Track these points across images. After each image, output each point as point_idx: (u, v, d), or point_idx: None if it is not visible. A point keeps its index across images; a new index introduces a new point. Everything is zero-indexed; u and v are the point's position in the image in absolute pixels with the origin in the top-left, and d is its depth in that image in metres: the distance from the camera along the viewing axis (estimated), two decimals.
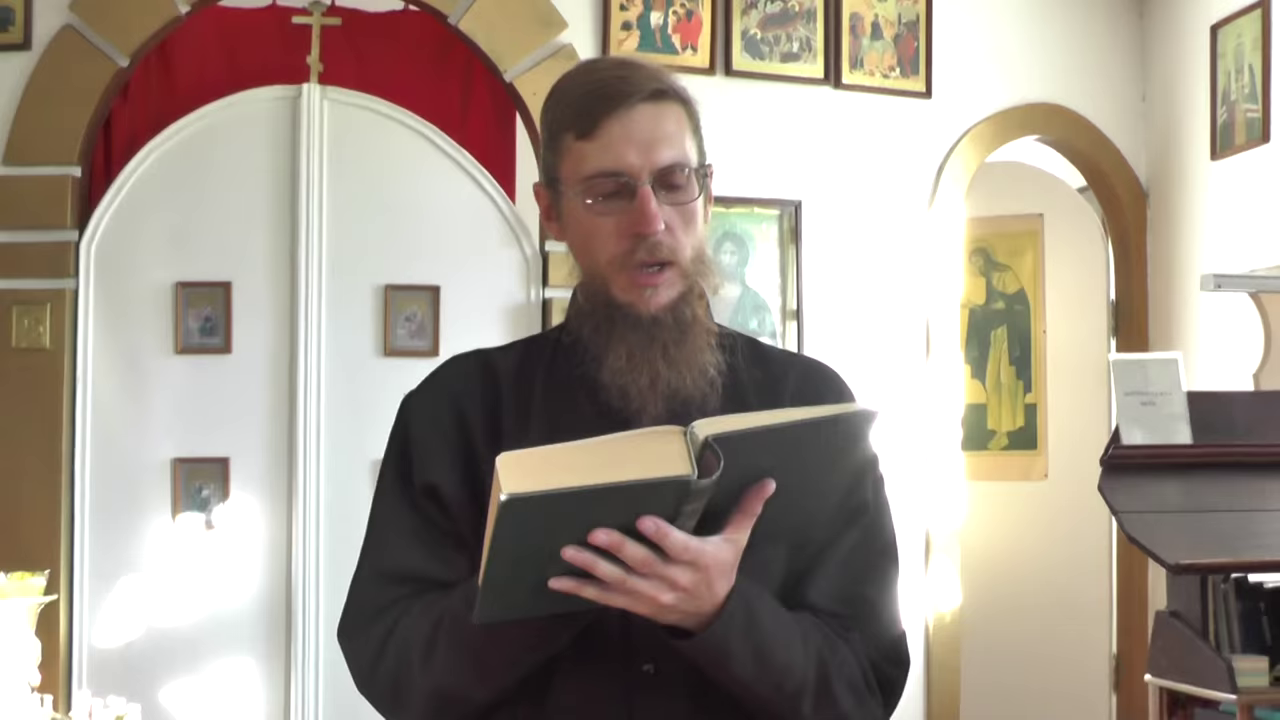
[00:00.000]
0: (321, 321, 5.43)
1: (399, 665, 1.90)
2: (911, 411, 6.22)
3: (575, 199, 1.93)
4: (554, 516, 1.61)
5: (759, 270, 6.03)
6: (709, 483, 1.63)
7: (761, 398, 2.00)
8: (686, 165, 1.93)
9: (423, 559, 1.94)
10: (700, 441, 1.61)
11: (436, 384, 2.05)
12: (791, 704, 1.86)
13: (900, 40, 6.26)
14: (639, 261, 1.91)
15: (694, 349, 1.94)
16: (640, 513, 1.64)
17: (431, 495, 1.95)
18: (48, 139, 5.36)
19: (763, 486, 1.69)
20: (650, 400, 1.91)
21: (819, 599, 1.95)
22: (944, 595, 6.25)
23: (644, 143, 1.90)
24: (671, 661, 1.83)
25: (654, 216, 1.88)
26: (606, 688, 1.87)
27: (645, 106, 1.91)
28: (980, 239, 7.28)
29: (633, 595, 1.68)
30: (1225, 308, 6.02)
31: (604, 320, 1.94)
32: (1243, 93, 6.03)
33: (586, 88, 1.94)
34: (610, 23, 5.84)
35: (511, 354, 2.07)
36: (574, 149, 1.92)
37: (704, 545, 1.68)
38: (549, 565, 1.65)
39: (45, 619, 4.21)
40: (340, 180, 5.49)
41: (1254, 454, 4.71)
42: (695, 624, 1.76)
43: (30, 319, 5.28)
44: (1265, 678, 4.34)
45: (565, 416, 1.93)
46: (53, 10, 5.40)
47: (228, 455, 5.37)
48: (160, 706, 5.17)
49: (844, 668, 1.91)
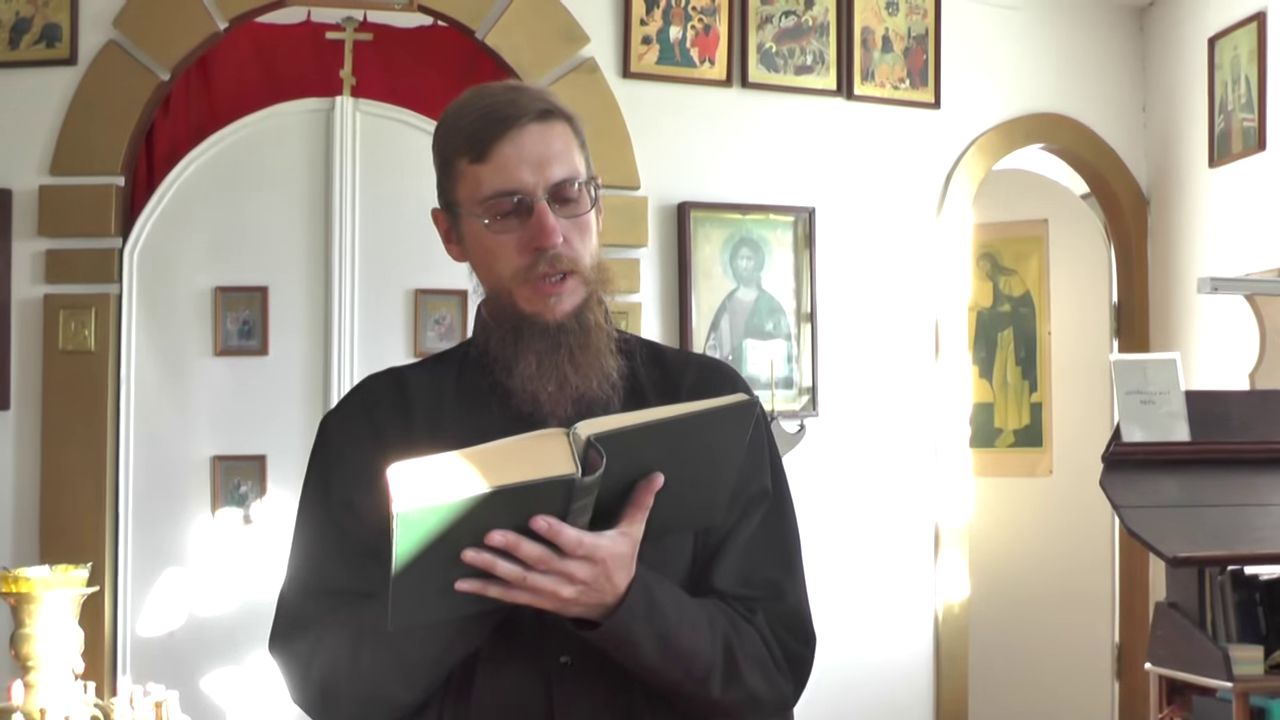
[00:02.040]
0: (354, 324, 5.46)
1: (326, 674, 1.93)
2: (921, 410, 6.28)
3: (474, 220, 1.97)
4: (450, 522, 1.64)
5: (775, 275, 6.06)
6: (593, 479, 1.67)
7: (661, 396, 2.03)
8: (577, 179, 1.97)
9: (343, 572, 1.96)
10: (583, 441, 1.66)
11: (352, 403, 2.10)
12: (701, 686, 1.91)
13: (910, 53, 6.30)
14: (541, 274, 1.95)
15: (597, 353, 1.98)
16: (532, 512, 1.67)
17: (350, 510, 1.98)
18: (92, 150, 5.40)
19: (651, 480, 1.74)
20: (559, 404, 1.95)
21: (724, 583, 1.99)
22: (953, 587, 6.28)
23: (536, 161, 1.93)
24: (586, 652, 1.87)
25: (552, 230, 1.93)
26: (527, 680, 1.91)
27: (534, 126, 1.94)
28: (987, 244, 7.31)
29: (535, 591, 1.72)
30: (1222, 310, 6.06)
31: (510, 331, 1.98)
32: (1239, 103, 6.07)
33: (476, 113, 1.96)
34: (631, 37, 5.88)
35: (422, 370, 2.12)
36: (469, 172, 1.96)
37: (598, 539, 1.73)
38: (453, 568, 1.69)
39: (90, 610, 4.09)
40: (372, 188, 5.52)
41: (1250, 451, 4.74)
42: (600, 615, 1.80)
43: (76, 323, 5.32)
44: (1260, 666, 4.37)
45: (478, 425, 1.92)
46: (97, 27, 5.45)
47: (265, 453, 5.41)
48: (200, 694, 5.19)
49: (751, 648, 1.95)
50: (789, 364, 5.94)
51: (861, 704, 6.01)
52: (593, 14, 5.89)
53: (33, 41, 5.45)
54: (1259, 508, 4.61)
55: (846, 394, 6.12)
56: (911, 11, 6.34)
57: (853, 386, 6.15)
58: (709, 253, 5.94)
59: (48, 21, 5.44)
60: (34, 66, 5.45)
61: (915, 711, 6.11)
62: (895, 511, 6.23)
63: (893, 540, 6.21)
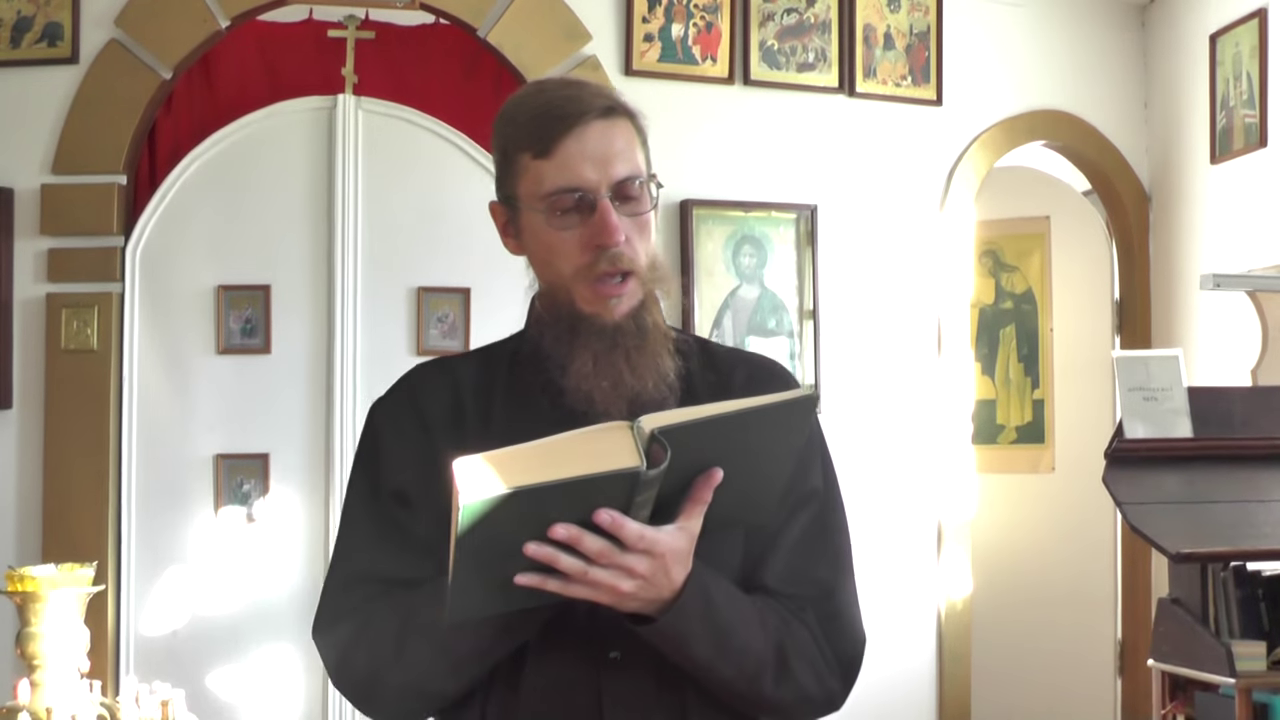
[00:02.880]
0: (357, 322, 5.47)
1: (371, 662, 1.92)
2: (924, 407, 6.29)
3: (535, 215, 1.96)
4: (513, 516, 1.64)
5: (777, 272, 6.07)
6: (657, 473, 1.66)
7: (714, 398, 1.94)
8: (640, 177, 1.96)
9: (391, 561, 1.97)
10: (647, 434, 1.65)
11: (401, 392, 2.08)
12: (752, 684, 1.90)
13: (912, 50, 6.31)
14: (601, 272, 1.93)
15: (653, 354, 1.97)
16: (595, 506, 1.67)
17: (399, 499, 1.98)
18: (94, 149, 5.41)
19: (711, 475, 1.73)
20: (614, 404, 1.93)
21: (774, 581, 1.98)
22: (955, 584, 6.29)
23: (600, 158, 1.92)
24: (637, 648, 1.86)
25: (615, 228, 1.91)
26: (575, 674, 1.90)
27: (598, 123, 1.93)
28: (989, 241, 7.32)
29: (594, 586, 1.72)
30: (1224, 306, 6.06)
31: (567, 330, 1.97)
32: (1241, 99, 6.07)
33: (538, 108, 1.95)
34: (633, 35, 5.89)
35: (472, 361, 2.10)
36: (531, 168, 1.94)
37: (658, 534, 1.73)
38: (512, 562, 1.68)
39: (94, 608, 4.13)
40: (374, 187, 5.52)
41: (1252, 447, 4.75)
42: (655, 610, 1.80)
43: (79, 321, 5.33)
44: (1263, 662, 4.39)
45: (528, 421, 1.90)
46: (99, 26, 5.46)
47: (268, 451, 5.42)
48: (204, 692, 5.20)
49: (802, 646, 1.95)
50: (791, 361, 5.94)
51: (864, 700, 5.97)
52: (595, 11, 5.90)
53: (34, 40, 5.45)
54: (1261, 504, 4.61)
55: (849, 391, 6.12)
56: (913, 8, 6.34)
57: (855, 383, 6.15)
58: (711, 250, 5.95)
59: (49, 20, 5.45)
60: (36, 65, 5.46)
61: (918, 708, 6.13)
62: (898, 508, 6.23)
63: (896, 537, 6.22)
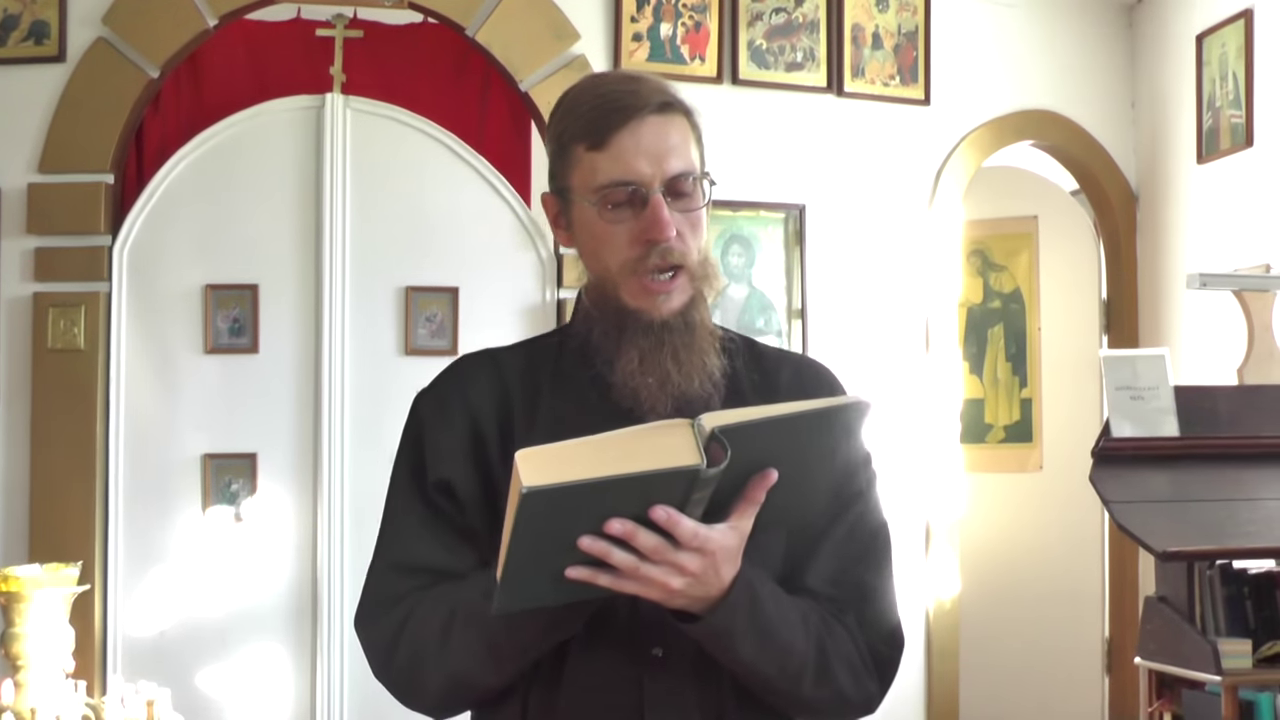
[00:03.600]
0: (345, 322, 5.47)
1: (414, 653, 1.93)
2: (912, 406, 6.27)
3: (587, 207, 1.95)
4: (570, 508, 1.64)
5: (765, 271, 6.07)
6: (716, 472, 1.66)
7: (759, 396, 2.01)
8: (693, 174, 1.96)
9: (435, 551, 1.97)
10: (707, 433, 1.65)
11: (448, 382, 2.08)
12: (793, 683, 1.90)
13: (900, 50, 6.30)
14: (651, 267, 1.93)
15: (700, 352, 1.97)
16: (652, 502, 1.67)
17: (443, 490, 1.98)
18: (82, 148, 5.41)
19: (765, 476, 1.73)
20: (659, 401, 1.93)
21: (816, 583, 1.98)
22: (944, 583, 6.28)
23: (654, 153, 1.92)
24: (679, 644, 1.87)
25: (667, 224, 1.91)
26: (618, 670, 1.90)
27: (654, 118, 1.93)
28: (977, 240, 7.32)
29: (644, 581, 1.71)
30: (1211, 305, 6.06)
31: (614, 325, 1.97)
32: (1227, 99, 6.08)
33: (596, 100, 1.95)
34: (621, 34, 5.88)
35: (519, 354, 2.09)
36: (585, 160, 1.94)
37: (711, 532, 1.72)
38: (565, 555, 1.69)
39: (80, 608, 4.20)
40: (363, 186, 5.52)
41: (1238, 446, 4.73)
42: (702, 608, 1.79)
43: (66, 321, 5.32)
44: (1249, 660, 4.38)
45: (574, 415, 1.93)
46: (86, 24, 5.45)
47: (255, 451, 5.42)
48: (191, 692, 5.18)
49: (842, 648, 1.95)
50: None
51: None
52: (583, 11, 5.89)
53: (21, 38, 5.45)
54: (1247, 502, 4.61)
55: None
56: (901, 8, 6.34)
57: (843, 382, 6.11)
58: None
59: (36, 18, 5.44)
60: (23, 64, 5.45)
61: (907, 707, 6.12)
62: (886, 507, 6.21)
63: None
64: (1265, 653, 4.45)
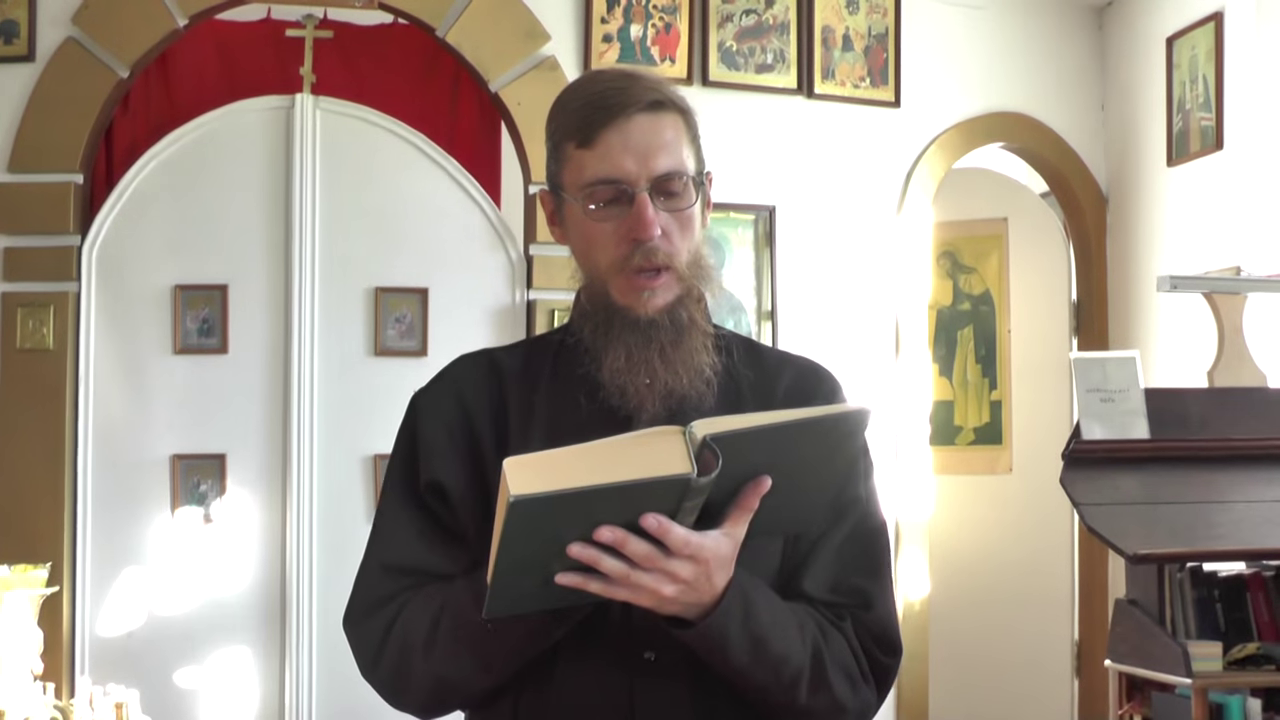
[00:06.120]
0: (315, 322, 5.46)
1: (402, 654, 1.92)
2: (882, 408, 6.25)
3: (576, 205, 1.95)
4: (560, 515, 1.64)
5: (735, 273, 6.07)
6: (708, 480, 1.65)
7: (756, 397, 2.02)
8: (683, 173, 1.95)
9: (426, 553, 1.97)
10: (699, 441, 1.64)
11: (444, 383, 2.07)
12: (788, 691, 1.89)
13: (870, 52, 6.31)
14: (636, 266, 1.93)
15: (690, 350, 1.96)
16: (642, 510, 1.67)
17: (436, 492, 1.98)
18: (51, 147, 5.39)
19: (759, 483, 1.72)
20: (648, 400, 1.93)
21: (813, 589, 1.97)
22: (913, 585, 6.30)
23: (641, 151, 1.91)
24: (671, 650, 1.86)
25: (650, 223, 1.91)
26: (609, 675, 1.90)
27: (643, 117, 1.92)
28: (947, 242, 7.32)
29: (636, 589, 1.71)
30: (1181, 308, 6.06)
31: (603, 322, 1.97)
32: (1197, 102, 6.10)
33: (587, 98, 1.95)
34: (591, 35, 5.88)
35: (517, 354, 2.09)
36: (575, 157, 1.95)
37: (704, 540, 1.72)
38: (555, 562, 1.68)
39: (49, 610, 4.17)
40: (332, 186, 5.51)
41: (1209, 448, 4.75)
42: (695, 614, 1.79)
43: (34, 320, 5.31)
44: (1219, 662, 4.38)
45: (566, 415, 1.95)
46: (56, 23, 5.43)
47: (225, 452, 5.41)
48: (160, 693, 5.15)
49: (838, 655, 1.94)
50: None
51: None
52: (553, 12, 5.88)
53: None
54: (1218, 505, 4.63)
55: None
56: (872, 10, 6.34)
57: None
58: None
59: (5, 18, 5.42)
60: None
61: None
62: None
63: None
64: (1235, 655, 4.46)
